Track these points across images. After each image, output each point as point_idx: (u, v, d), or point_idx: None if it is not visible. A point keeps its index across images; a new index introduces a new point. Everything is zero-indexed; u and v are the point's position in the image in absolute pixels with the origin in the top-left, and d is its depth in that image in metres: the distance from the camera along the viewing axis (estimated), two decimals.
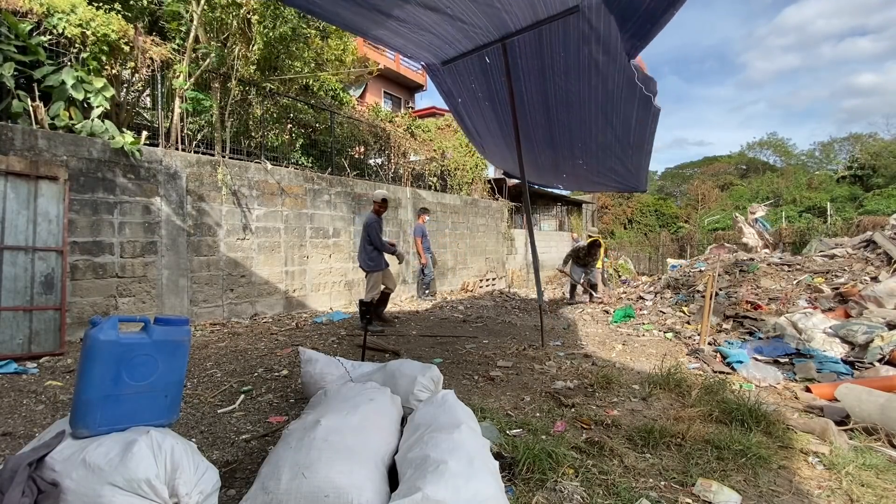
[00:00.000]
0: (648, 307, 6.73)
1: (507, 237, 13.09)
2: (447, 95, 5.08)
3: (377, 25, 3.62)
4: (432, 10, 3.31)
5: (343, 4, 3.29)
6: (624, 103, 3.90)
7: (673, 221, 31.96)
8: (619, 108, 4.00)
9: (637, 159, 4.79)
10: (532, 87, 4.34)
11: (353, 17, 3.51)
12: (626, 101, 3.85)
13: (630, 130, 4.24)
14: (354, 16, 3.46)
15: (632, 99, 3.77)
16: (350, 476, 1.55)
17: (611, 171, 5.35)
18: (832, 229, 15.11)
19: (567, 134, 4.82)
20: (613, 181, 5.73)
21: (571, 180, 6.57)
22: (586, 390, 3.36)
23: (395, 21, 3.52)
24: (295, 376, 3.55)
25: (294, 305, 6.89)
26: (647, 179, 5.36)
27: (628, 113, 3.99)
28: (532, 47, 3.83)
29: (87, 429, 1.60)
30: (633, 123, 4.10)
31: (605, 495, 1.91)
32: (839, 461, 2.27)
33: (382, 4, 3.23)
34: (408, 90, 20.64)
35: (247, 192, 6.32)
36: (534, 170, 6.11)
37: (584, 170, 5.61)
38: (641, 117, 3.96)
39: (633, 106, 3.84)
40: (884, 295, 4.68)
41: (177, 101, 5.82)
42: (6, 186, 4.03)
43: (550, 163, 5.80)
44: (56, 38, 4.83)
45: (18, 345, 4.01)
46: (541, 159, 5.75)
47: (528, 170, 5.94)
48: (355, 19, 3.54)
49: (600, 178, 5.74)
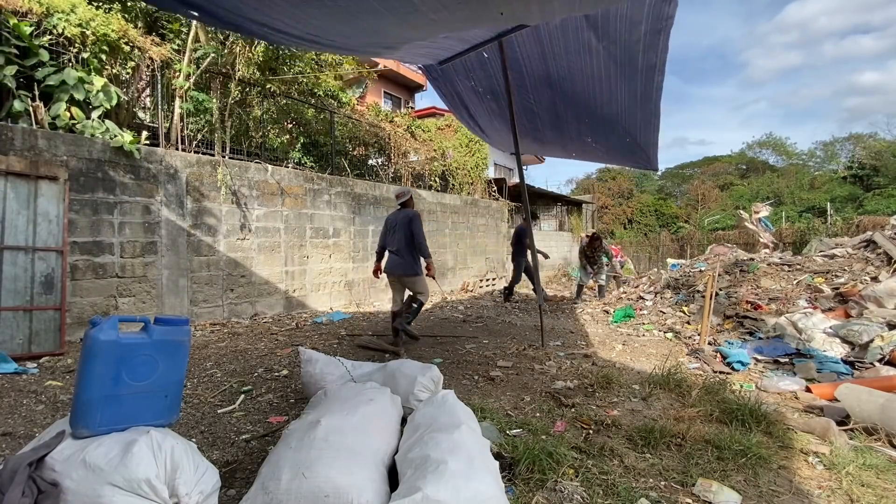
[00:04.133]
0: (648, 307, 6.73)
1: (507, 237, 13.09)
2: (446, 95, 5.08)
3: (378, 52, 3.73)
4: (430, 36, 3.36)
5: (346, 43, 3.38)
6: (628, 79, 3.93)
7: (673, 221, 31.95)
8: (622, 81, 4.02)
9: (646, 133, 4.75)
10: (534, 70, 4.33)
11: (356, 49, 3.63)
12: (629, 76, 3.88)
13: (636, 102, 4.23)
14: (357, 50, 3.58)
15: (634, 74, 3.80)
16: (350, 476, 1.55)
17: (620, 146, 5.29)
18: (832, 229, 15.10)
19: (573, 109, 4.78)
20: (624, 157, 5.67)
21: (582, 155, 6.44)
22: (586, 390, 3.36)
23: (393, 49, 3.61)
24: (295, 376, 3.55)
25: (294, 305, 6.89)
26: (657, 158, 5.23)
27: (633, 85, 4.01)
28: (530, 37, 3.85)
29: (88, 429, 1.60)
30: (639, 94, 4.10)
31: (605, 495, 1.91)
32: (839, 461, 2.27)
33: (385, 41, 3.28)
34: (408, 90, 20.63)
35: (247, 192, 6.33)
36: (541, 147, 6.14)
37: (594, 147, 5.58)
38: (646, 90, 3.98)
39: (637, 75, 3.86)
40: (884, 295, 4.68)
41: (177, 101, 5.82)
42: (6, 186, 4.03)
43: (558, 141, 5.76)
44: (56, 38, 4.83)
45: (18, 345, 4.01)
46: (548, 139, 5.72)
47: (536, 147, 5.95)
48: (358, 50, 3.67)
49: (611, 152, 5.68)
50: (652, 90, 3.94)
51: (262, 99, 7.25)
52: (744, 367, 4.04)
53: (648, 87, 3.94)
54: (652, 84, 3.86)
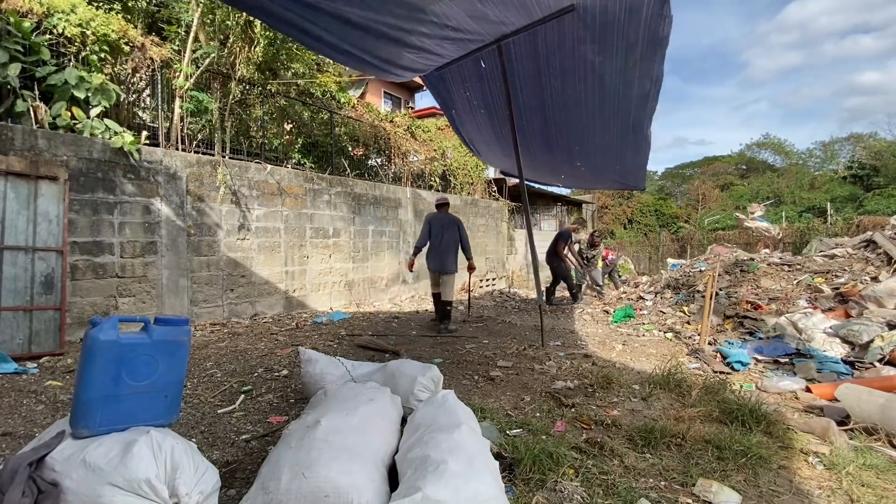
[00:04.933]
0: (648, 307, 6.73)
1: (507, 237, 13.09)
2: (443, 104, 5.10)
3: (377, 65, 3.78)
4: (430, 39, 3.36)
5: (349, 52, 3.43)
6: (621, 103, 3.92)
7: (673, 221, 31.93)
8: (616, 107, 4.02)
9: (635, 159, 4.80)
10: (528, 93, 4.36)
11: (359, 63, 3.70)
12: (623, 100, 3.87)
13: (628, 130, 4.26)
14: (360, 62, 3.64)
15: (628, 98, 3.79)
16: (350, 476, 1.55)
17: (610, 172, 5.38)
18: (832, 229, 15.09)
19: (564, 137, 4.84)
20: (612, 181, 5.77)
21: (570, 180, 6.62)
22: (586, 390, 3.36)
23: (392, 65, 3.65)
24: (295, 376, 3.55)
25: (294, 305, 6.89)
26: (645, 178, 5.40)
27: (626, 112, 4.00)
28: (527, 49, 3.84)
29: (88, 429, 1.60)
30: (631, 123, 4.11)
31: (605, 495, 1.91)
32: (839, 461, 2.27)
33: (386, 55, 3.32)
34: (408, 90, 20.63)
35: (247, 192, 6.32)
36: (531, 171, 6.14)
37: (583, 171, 5.64)
38: (639, 116, 3.98)
39: (630, 104, 3.86)
40: (884, 295, 4.68)
41: (177, 101, 5.82)
42: (6, 186, 4.03)
43: (548, 166, 5.83)
44: (56, 38, 4.83)
45: (18, 345, 4.01)
46: (537, 162, 5.77)
47: (525, 171, 5.98)
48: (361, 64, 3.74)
49: (599, 178, 5.77)
50: (644, 118, 3.94)
51: (263, 99, 7.25)
52: (744, 368, 4.04)
53: (640, 115, 3.95)
54: (644, 111, 3.87)
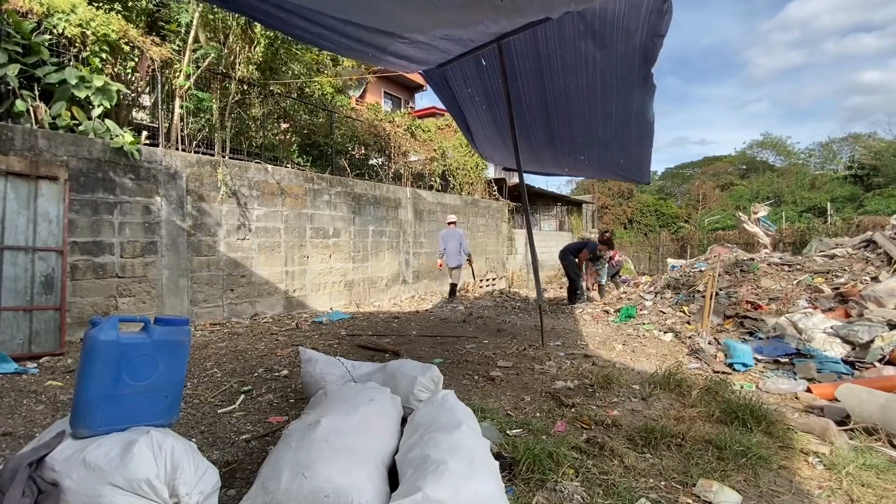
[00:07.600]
0: (649, 307, 6.73)
1: (507, 237, 13.09)
2: (445, 99, 5.09)
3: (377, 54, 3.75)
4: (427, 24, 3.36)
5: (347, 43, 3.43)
6: (622, 95, 3.94)
7: (673, 221, 31.93)
8: (617, 100, 4.03)
9: (639, 151, 4.79)
10: (530, 88, 4.35)
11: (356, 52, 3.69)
12: (624, 93, 3.89)
13: (630, 121, 4.26)
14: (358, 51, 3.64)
15: (630, 91, 3.80)
16: (350, 476, 1.55)
17: (613, 163, 5.37)
18: (832, 229, 15.09)
19: (567, 130, 4.82)
20: (616, 173, 5.78)
21: (574, 172, 6.69)
22: (586, 390, 3.35)
23: (392, 55, 3.63)
24: (295, 376, 3.54)
25: (294, 305, 6.89)
26: (650, 172, 5.37)
27: (628, 104, 4.02)
28: (528, 47, 3.85)
29: (88, 429, 1.60)
30: (633, 114, 4.12)
31: (605, 495, 1.91)
32: (839, 461, 2.27)
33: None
34: (408, 90, 20.61)
35: (247, 192, 6.32)
36: (535, 164, 6.16)
37: (587, 164, 5.64)
38: (640, 108, 3.99)
39: (632, 97, 3.87)
40: (884, 295, 4.68)
41: (177, 101, 5.82)
42: (6, 186, 4.03)
43: (552, 159, 5.82)
44: (56, 38, 4.83)
45: (19, 345, 4.01)
46: (541, 157, 5.77)
47: (529, 164, 6.00)
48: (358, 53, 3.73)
49: (603, 169, 5.78)
50: (646, 105, 3.94)
51: (262, 99, 7.25)
52: (745, 369, 4.03)
53: (643, 103, 3.96)
54: (645, 98, 3.87)
